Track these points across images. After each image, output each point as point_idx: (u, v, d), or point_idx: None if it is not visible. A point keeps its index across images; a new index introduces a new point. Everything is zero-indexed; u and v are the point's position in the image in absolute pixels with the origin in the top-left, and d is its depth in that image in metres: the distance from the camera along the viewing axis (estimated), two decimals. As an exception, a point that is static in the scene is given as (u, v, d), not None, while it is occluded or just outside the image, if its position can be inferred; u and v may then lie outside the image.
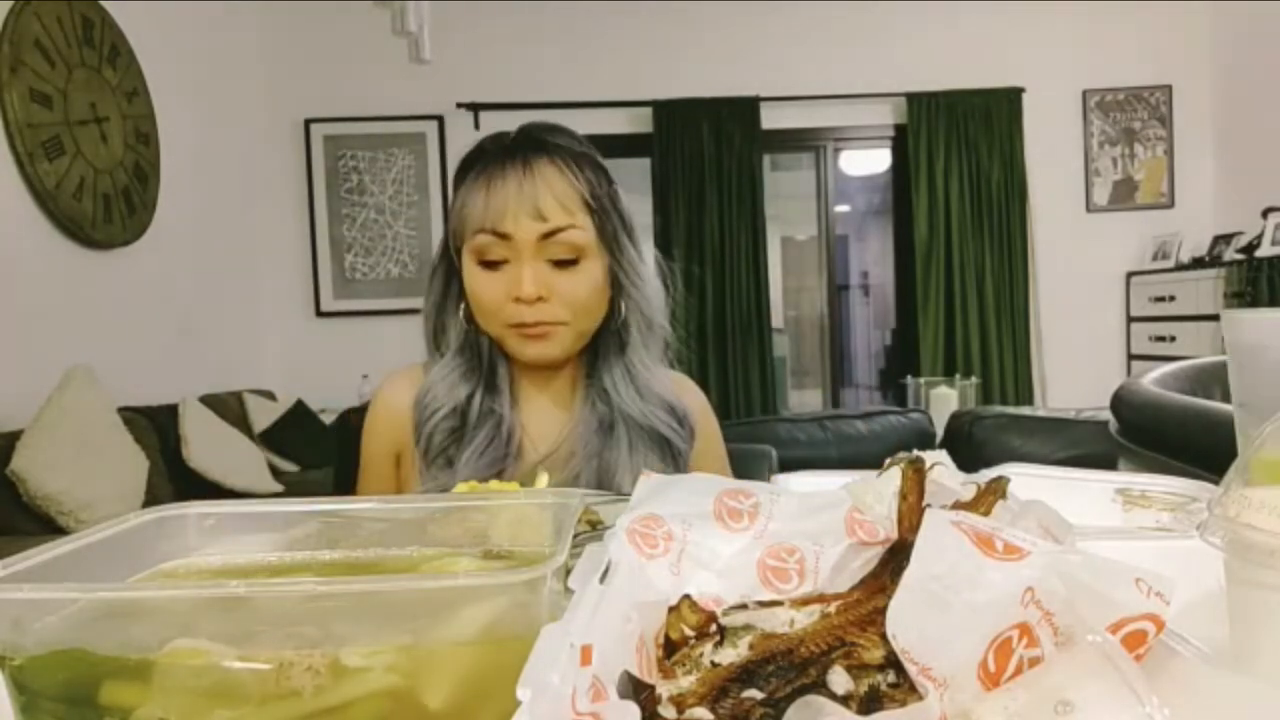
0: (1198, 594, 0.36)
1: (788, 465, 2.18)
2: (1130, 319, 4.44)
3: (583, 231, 0.92)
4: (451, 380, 0.97)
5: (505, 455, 0.93)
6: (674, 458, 0.97)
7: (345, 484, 2.66)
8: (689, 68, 4.31)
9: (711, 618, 0.38)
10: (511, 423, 0.95)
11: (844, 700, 0.31)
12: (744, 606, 0.38)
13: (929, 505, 0.39)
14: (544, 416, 1.00)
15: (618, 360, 0.99)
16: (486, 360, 0.99)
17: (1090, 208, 4.47)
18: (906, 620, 0.30)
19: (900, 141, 4.42)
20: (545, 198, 0.90)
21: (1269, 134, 4.07)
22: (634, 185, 4.39)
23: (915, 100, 4.30)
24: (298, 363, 4.14)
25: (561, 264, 0.92)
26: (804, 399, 5.58)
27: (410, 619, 0.36)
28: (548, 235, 0.90)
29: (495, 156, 0.93)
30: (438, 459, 0.94)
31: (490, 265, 0.92)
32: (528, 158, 0.92)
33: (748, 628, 0.36)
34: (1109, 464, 1.65)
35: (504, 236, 0.90)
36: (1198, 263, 4.00)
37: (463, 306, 0.99)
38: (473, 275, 0.94)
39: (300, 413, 3.60)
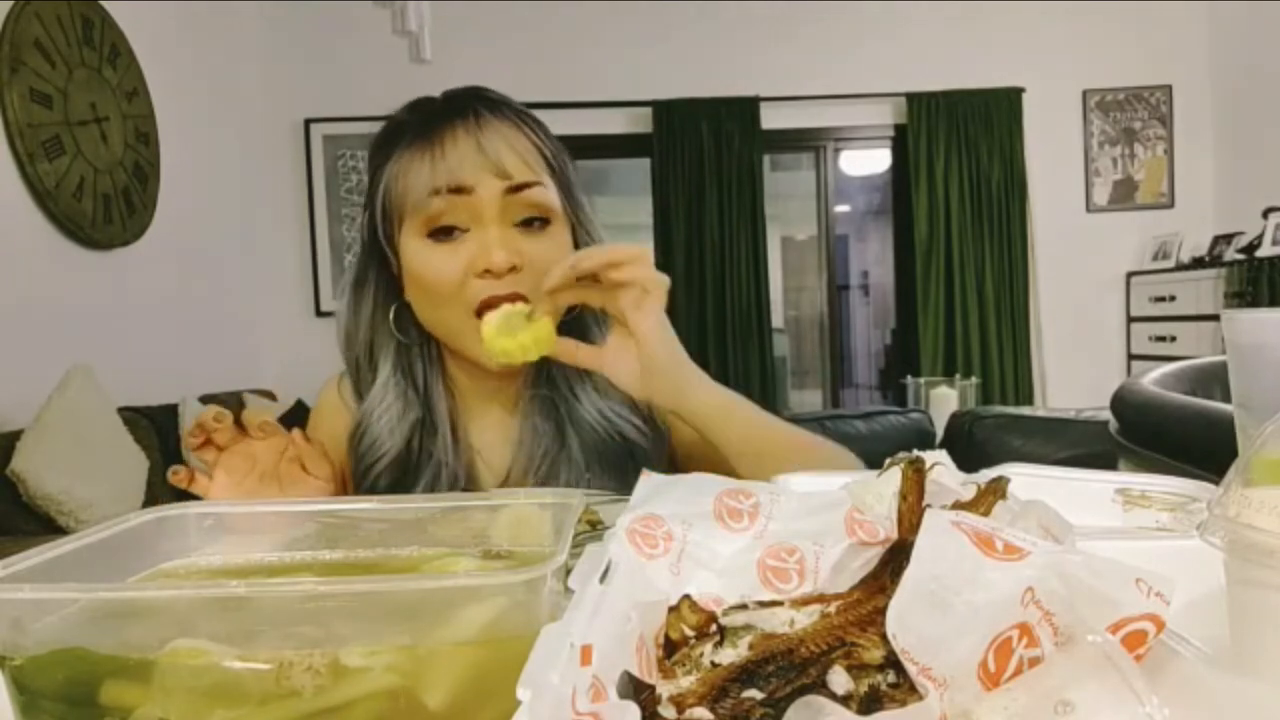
0: (1198, 594, 0.36)
1: (788, 465, 2.17)
2: (1130, 319, 4.44)
3: (548, 191, 0.81)
4: (389, 419, 0.85)
5: (454, 488, 0.86)
6: (635, 460, 0.86)
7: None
8: (689, 68, 4.30)
9: (711, 618, 0.38)
10: (454, 467, 0.86)
11: (844, 700, 0.31)
12: (744, 606, 0.38)
13: (929, 505, 0.39)
14: (494, 431, 0.91)
15: None
16: (423, 386, 0.87)
17: (1090, 208, 4.47)
18: (906, 620, 0.30)
19: (900, 141, 4.42)
20: (506, 152, 0.78)
21: (1269, 134, 4.07)
22: (634, 185, 4.39)
23: (915, 100, 4.30)
24: (298, 363, 4.13)
25: (529, 229, 0.80)
26: (804, 399, 5.57)
27: (410, 619, 0.36)
28: (513, 190, 0.78)
29: (433, 119, 0.81)
30: None
31: (444, 239, 0.79)
32: (477, 111, 0.80)
33: (748, 628, 0.36)
34: (1109, 464, 1.65)
35: (463, 192, 0.77)
36: (1198, 263, 4.00)
37: (393, 312, 0.86)
38: (421, 253, 0.79)
39: (300, 413, 3.60)
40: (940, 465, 0.42)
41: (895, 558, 0.38)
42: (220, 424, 0.71)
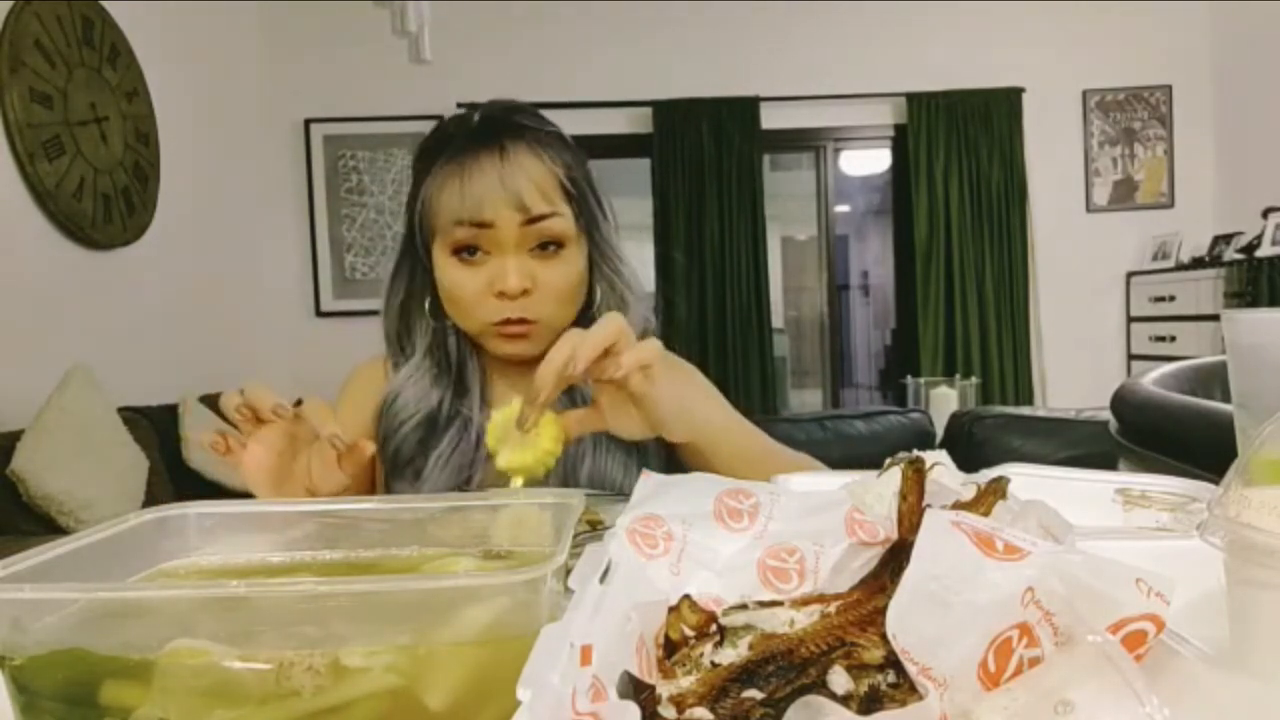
0: (1198, 594, 0.36)
1: (788, 465, 2.17)
2: (1130, 319, 4.44)
3: (563, 219, 0.89)
4: (421, 386, 0.94)
5: (473, 460, 0.90)
6: (639, 452, 0.93)
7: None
8: (689, 68, 4.30)
9: (711, 618, 0.38)
10: (480, 424, 0.91)
11: (844, 700, 0.31)
12: (744, 606, 0.38)
13: (929, 505, 0.39)
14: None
15: None
16: (455, 359, 0.96)
17: (1090, 208, 4.47)
18: (906, 620, 0.30)
19: (900, 141, 4.42)
20: (525, 186, 0.87)
21: (1269, 134, 4.07)
22: (634, 185, 4.39)
23: (915, 100, 4.29)
24: (298, 363, 4.13)
25: (543, 253, 0.89)
26: (804, 399, 5.57)
27: (410, 619, 0.36)
28: (529, 223, 0.87)
29: (466, 142, 0.89)
30: (405, 470, 0.92)
31: (467, 258, 0.88)
32: (503, 143, 0.88)
33: (748, 628, 0.36)
34: (1109, 464, 1.65)
35: (484, 226, 0.86)
36: (1198, 263, 4.00)
37: (429, 302, 0.95)
38: (448, 270, 0.89)
39: (300, 413, 3.59)
40: (940, 465, 0.42)
41: (895, 558, 0.38)
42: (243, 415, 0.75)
